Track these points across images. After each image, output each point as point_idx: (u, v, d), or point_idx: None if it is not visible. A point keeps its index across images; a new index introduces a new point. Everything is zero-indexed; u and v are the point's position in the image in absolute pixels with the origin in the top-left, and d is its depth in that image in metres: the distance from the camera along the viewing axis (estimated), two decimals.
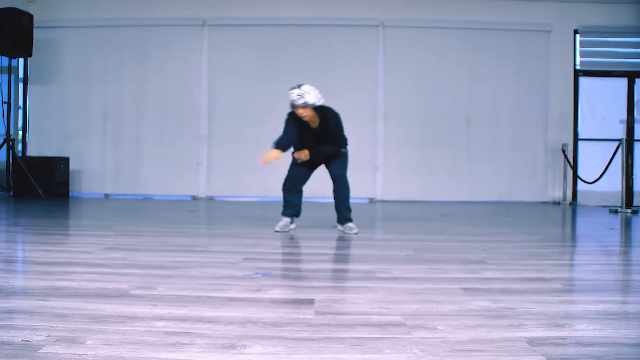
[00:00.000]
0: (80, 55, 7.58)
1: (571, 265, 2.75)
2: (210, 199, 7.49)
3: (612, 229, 4.45)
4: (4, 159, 6.84)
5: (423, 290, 2.10)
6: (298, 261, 2.88)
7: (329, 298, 1.96)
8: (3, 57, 6.79)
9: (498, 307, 1.86)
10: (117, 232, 3.71)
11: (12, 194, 6.74)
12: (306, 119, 3.70)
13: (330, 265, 2.67)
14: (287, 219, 3.97)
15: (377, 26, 7.50)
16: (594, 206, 7.18)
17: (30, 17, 6.70)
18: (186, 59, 7.54)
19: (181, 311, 1.77)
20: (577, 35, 7.56)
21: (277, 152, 3.64)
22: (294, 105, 3.67)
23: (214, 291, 2.05)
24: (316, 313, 1.76)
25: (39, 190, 6.47)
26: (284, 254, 3.03)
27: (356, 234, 3.78)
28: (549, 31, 7.51)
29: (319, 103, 3.68)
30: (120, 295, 1.95)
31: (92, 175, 7.61)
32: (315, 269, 2.60)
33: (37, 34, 7.17)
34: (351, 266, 2.60)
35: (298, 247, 3.34)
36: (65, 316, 1.68)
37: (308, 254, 3.09)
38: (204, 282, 2.20)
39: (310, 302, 1.90)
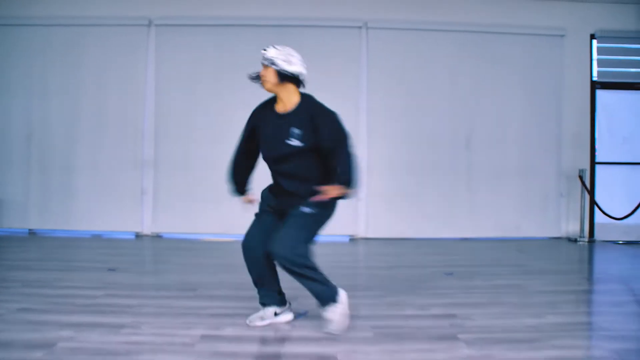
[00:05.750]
0: None
1: None
2: (158, 236, 6.14)
3: None
4: None
5: None
6: None
7: None
8: None
9: None
10: None
11: None
12: (265, 86, 2.57)
13: None
14: (264, 309, 2.70)
15: (360, 27, 6.25)
16: (615, 243, 6.06)
17: None
18: (128, 67, 6.18)
19: None
20: (594, 41, 6.41)
21: (244, 198, 2.81)
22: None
23: None
24: None
25: None
26: None
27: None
28: (562, 35, 6.34)
29: (289, 68, 2.53)
30: None
31: (13, 207, 6.20)
32: None
33: None
34: None
35: None
36: None
37: None
38: None
39: None
